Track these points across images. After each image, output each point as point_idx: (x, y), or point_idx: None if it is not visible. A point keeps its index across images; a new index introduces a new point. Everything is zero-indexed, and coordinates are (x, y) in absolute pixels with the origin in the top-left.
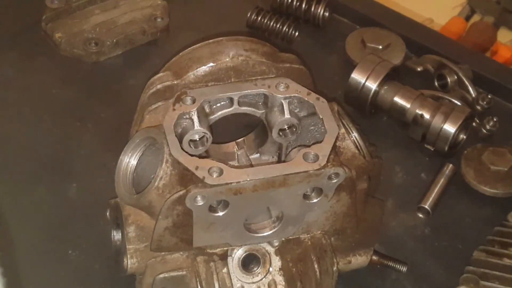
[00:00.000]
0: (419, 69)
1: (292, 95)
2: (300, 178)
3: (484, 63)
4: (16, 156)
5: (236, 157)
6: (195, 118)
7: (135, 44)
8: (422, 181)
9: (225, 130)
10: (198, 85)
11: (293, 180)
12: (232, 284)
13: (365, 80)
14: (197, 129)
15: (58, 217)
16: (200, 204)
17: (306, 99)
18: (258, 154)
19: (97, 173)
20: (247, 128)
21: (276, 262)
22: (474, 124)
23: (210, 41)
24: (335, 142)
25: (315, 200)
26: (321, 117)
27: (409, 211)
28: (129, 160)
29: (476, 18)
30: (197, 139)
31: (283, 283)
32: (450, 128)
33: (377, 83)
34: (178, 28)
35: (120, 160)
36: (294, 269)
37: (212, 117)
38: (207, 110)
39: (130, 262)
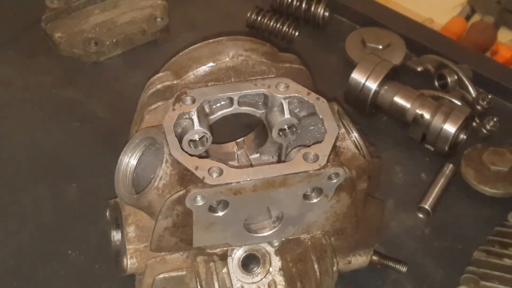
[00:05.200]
0: (419, 69)
1: (292, 95)
2: (300, 178)
3: (484, 63)
4: (16, 156)
5: (236, 157)
6: (195, 118)
7: (135, 44)
8: (422, 181)
9: (225, 130)
10: (198, 85)
11: (293, 180)
12: (232, 284)
13: (365, 80)
14: (197, 129)
15: (58, 217)
16: (200, 204)
17: (306, 99)
18: (258, 154)
19: (97, 173)
20: (247, 128)
21: (276, 262)
22: (474, 124)
23: (210, 41)
24: (335, 142)
25: (315, 200)
26: (321, 117)
27: (409, 211)
28: (129, 160)
29: (476, 18)
30: (197, 139)
31: (283, 283)
32: (450, 128)
33: (377, 83)
34: (178, 28)
35: (120, 160)
36: (294, 269)
37: (212, 117)
38: (207, 110)
39: (130, 262)
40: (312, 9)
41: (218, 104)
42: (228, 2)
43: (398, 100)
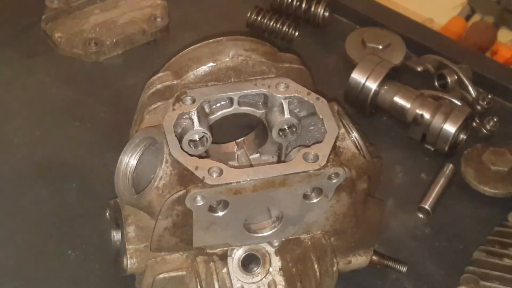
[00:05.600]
0: (419, 69)
1: (292, 95)
2: (300, 178)
3: (484, 63)
4: (16, 156)
5: (236, 157)
6: (195, 118)
7: (134, 44)
8: (422, 181)
9: (225, 130)
10: (198, 85)
11: (293, 180)
12: (232, 284)
13: (365, 80)
14: (197, 129)
15: (58, 217)
16: (200, 204)
17: (306, 99)
18: (258, 154)
19: (97, 173)
20: (247, 128)
21: (276, 262)
22: (474, 124)
23: (210, 41)
24: (335, 142)
25: (315, 200)
26: (321, 117)
27: (409, 211)
28: (129, 160)
29: (476, 18)
30: (197, 139)
31: (283, 283)
32: (450, 128)
33: (377, 83)
34: (178, 28)
35: (119, 160)
36: (294, 269)
37: (212, 117)
38: (207, 110)
39: (130, 262)
40: (312, 9)
41: (218, 104)
42: (228, 2)
43: (398, 100)
